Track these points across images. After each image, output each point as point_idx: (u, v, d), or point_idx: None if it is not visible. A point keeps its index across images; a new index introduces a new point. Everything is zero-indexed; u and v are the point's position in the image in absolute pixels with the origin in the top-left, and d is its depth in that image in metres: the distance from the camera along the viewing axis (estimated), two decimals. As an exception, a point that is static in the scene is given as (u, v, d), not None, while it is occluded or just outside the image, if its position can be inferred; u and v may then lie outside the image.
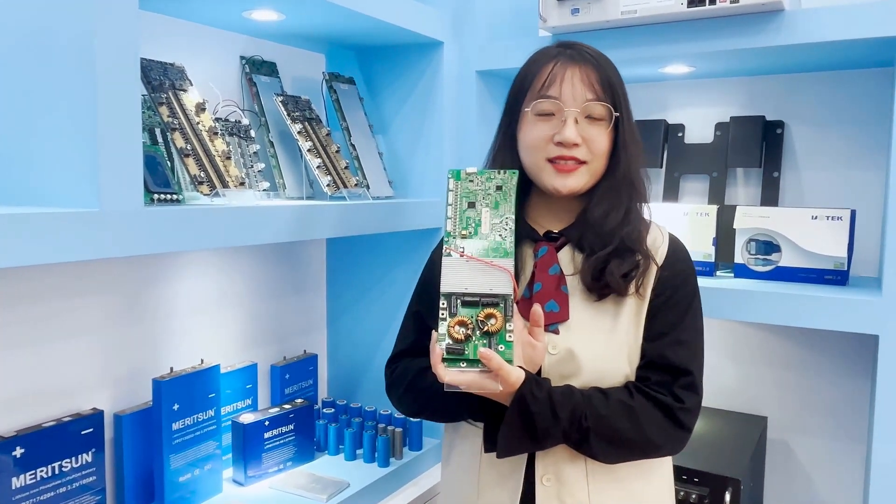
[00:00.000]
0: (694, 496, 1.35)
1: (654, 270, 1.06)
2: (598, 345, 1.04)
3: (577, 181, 1.05)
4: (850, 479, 1.61)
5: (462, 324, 0.94)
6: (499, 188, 1.01)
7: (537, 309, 0.99)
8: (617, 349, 1.04)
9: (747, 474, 1.40)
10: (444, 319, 0.95)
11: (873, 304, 1.24)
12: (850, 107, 1.58)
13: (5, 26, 0.97)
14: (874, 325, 1.24)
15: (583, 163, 1.05)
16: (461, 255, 0.97)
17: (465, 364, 0.93)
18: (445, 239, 0.99)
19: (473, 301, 0.95)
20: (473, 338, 0.94)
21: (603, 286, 1.04)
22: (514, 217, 1.00)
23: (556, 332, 1.04)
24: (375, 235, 1.63)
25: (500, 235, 0.99)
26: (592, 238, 1.06)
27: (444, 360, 0.93)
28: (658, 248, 1.08)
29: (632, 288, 1.04)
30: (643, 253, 1.05)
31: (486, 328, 0.94)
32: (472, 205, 1.00)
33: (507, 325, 0.94)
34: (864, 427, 1.59)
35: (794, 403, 1.66)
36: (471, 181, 1.01)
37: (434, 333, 0.95)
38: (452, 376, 0.93)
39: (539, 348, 0.99)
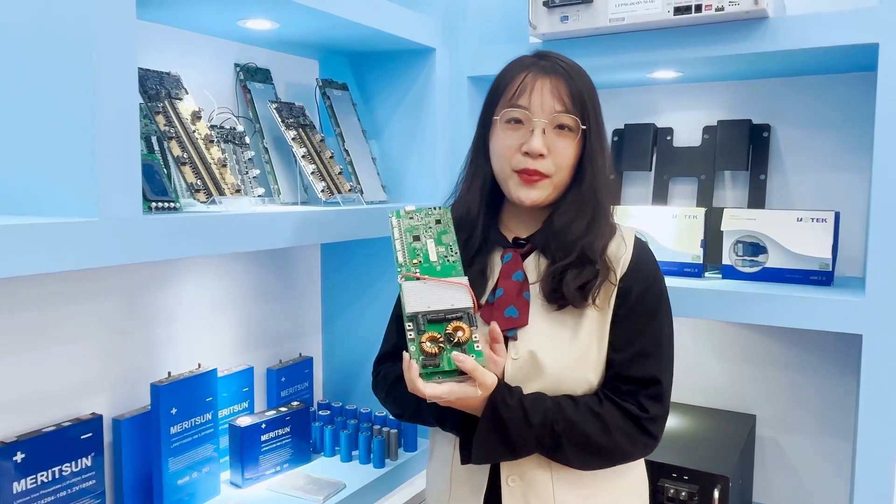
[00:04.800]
0: (683, 493, 1.38)
1: (614, 283, 1.06)
2: (560, 351, 1.05)
3: (541, 193, 1.07)
4: (838, 475, 1.64)
5: (432, 339, 0.98)
6: (438, 221, 1.08)
7: (495, 327, 1.02)
8: (578, 357, 1.05)
9: (736, 471, 1.42)
10: (413, 340, 0.98)
11: (857, 305, 1.27)
12: (835, 110, 1.61)
13: (5, 38, 0.98)
14: (858, 324, 1.27)
15: (546, 177, 1.06)
16: (418, 278, 1.02)
17: (440, 376, 0.97)
18: (398, 270, 1.03)
19: (438, 318, 0.99)
20: (445, 350, 0.97)
21: (560, 297, 1.05)
22: (457, 244, 1.06)
23: (515, 337, 1.06)
24: (369, 239, 1.65)
25: (448, 259, 1.04)
26: (555, 246, 1.07)
27: (421, 375, 0.96)
28: (620, 257, 1.08)
29: (588, 300, 1.05)
30: (602, 263, 1.05)
31: (455, 339, 0.97)
32: (416, 238, 1.06)
33: (474, 335, 0.98)
34: (850, 424, 1.62)
35: (783, 401, 1.69)
36: (411, 218, 1.08)
37: (405, 354, 0.97)
38: (432, 389, 0.96)
39: (499, 363, 1.02)
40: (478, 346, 0.98)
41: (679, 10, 1.36)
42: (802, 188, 1.65)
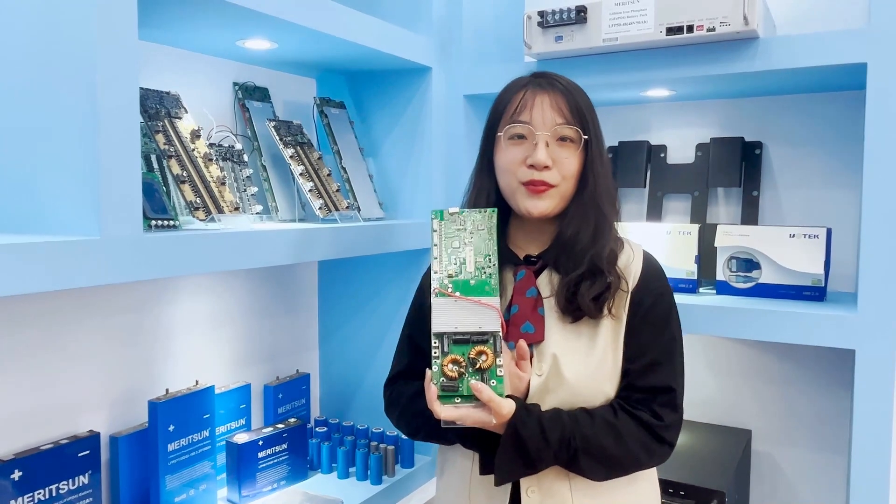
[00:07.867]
0: (680, 509, 1.38)
1: (626, 291, 1.09)
2: (578, 363, 1.07)
3: (548, 204, 1.09)
4: (833, 489, 1.64)
5: (455, 362, 0.98)
6: (480, 228, 1.06)
7: (522, 345, 1.04)
8: (595, 368, 1.07)
9: (732, 486, 1.43)
10: (437, 358, 0.98)
11: (850, 320, 1.28)
12: (825, 128, 1.63)
13: (8, 58, 1.00)
14: (851, 339, 1.28)
15: (553, 186, 1.09)
16: (450, 295, 1.01)
17: (459, 400, 0.98)
18: (433, 278, 1.03)
19: (464, 339, 0.99)
20: (466, 374, 0.98)
21: (576, 309, 1.07)
22: (497, 254, 1.04)
23: (532, 354, 1.08)
24: (366, 256, 1.66)
25: (485, 273, 1.03)
26: (566, 260, 1.10)
27: (439, 397, 0.97)
28: (631, 267, 1.11)
29: (604, 310, 1.07)
30: (615, 274, 1.08)
31: (478, 365, 0.98)
32: (456, 244, 1.05)
33: (497, 360, 0.98)
34: (845, 438, 1.63)
35: (778, 416, 1.70)
36: (453, 221, 1.06)
37: (428, 372, 0.99)
38: (448, 412, 0.97)
39: (525, 379, 1.05)
40: (500, 372, 0.98)
41: (671, 31, 1.39)
42: (794, 205, 1.67)
